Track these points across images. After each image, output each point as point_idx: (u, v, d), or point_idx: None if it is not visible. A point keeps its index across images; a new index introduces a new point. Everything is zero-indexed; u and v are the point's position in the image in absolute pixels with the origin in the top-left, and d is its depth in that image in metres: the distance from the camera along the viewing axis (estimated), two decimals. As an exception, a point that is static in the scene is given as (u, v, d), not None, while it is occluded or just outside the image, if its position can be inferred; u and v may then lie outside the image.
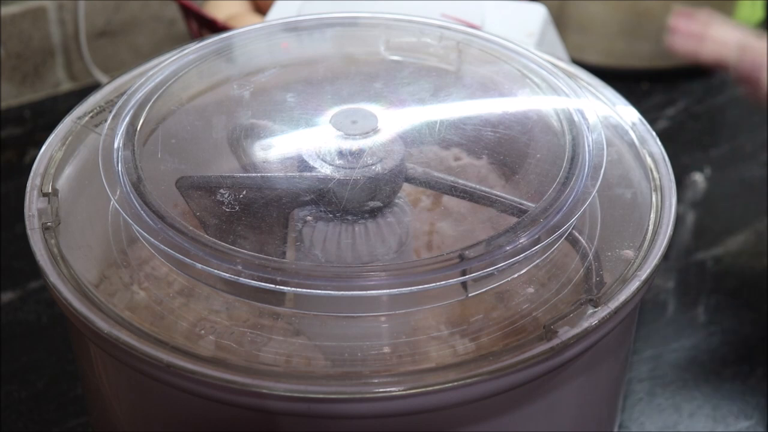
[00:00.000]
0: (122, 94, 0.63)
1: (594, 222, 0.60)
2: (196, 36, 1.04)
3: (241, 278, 0.53)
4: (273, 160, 0.60)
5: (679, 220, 0.96)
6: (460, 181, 0.59)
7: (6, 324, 0.86)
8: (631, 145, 0.64)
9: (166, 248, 0.54)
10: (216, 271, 0.53)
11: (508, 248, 0.54)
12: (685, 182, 1.02)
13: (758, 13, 1.16)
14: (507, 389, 0.53)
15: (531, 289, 0.56)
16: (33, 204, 0.59)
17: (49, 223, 0.58)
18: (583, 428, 0.61)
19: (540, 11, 0.90)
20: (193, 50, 0.66)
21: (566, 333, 0.53)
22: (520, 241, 0.54)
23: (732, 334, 0.87)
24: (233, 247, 0.54)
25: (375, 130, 0.59)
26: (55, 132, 0.63)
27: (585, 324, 0.53)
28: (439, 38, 0.68)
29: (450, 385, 0.51)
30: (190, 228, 0.55)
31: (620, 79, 0.91)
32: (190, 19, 1.04)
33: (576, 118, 0.61)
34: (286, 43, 0.69)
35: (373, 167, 0.57)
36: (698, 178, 1.02)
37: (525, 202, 0.58)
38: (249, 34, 0.68)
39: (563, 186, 0.57)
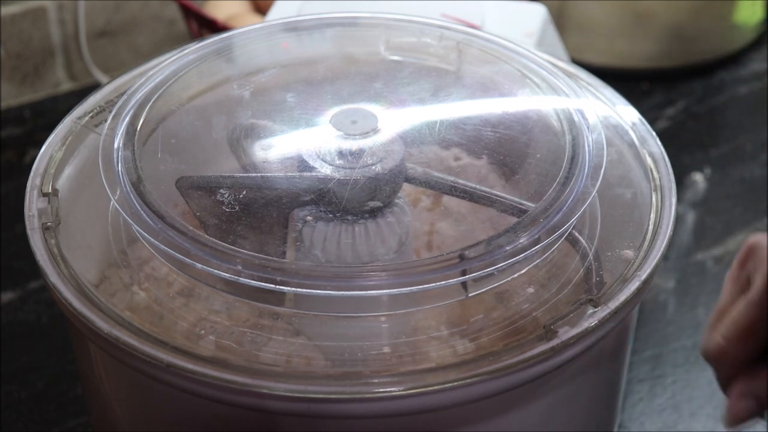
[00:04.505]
0: (122, 94, 0.63)
1: (594, 222, 0.60)
2: (196, 36, 1.04)
3: (241, 278, 0.53)
4: (273, 160, 0.60)
5: (679, 220, 0.96)
6: (460, 181, 0.59)
7: (6, 324, 0.86)
8: (631, 145, 0.64)
9: (166, 248, 0.54)
10: (216, 271, 0.53)
11: (508, 248, 0.54)
12: (685, 182, 1.01)
13: (758, 13, 1.16)
14: (507, 389, 0.53)
15: (531, 289, 0.56)
16: (33, 204, 0.59)
17: (49, 223, 0.58)
18: (583, 428, 0.61)
19: (540, 11, 0.90)
20: (193, 50, 0.66)
21: (566, 333, 0.53)
22: (520, 241, 0.54)
23: (732, 334, 0.87)
24: (233, 247, 0.54)
25: (375, 130, 0.59)
26: (55, 132, 0.63)
27: (585, 324, 0.53)
28: (439, 38, 0.68)
29: (450, 385, 0.51)
30: (190, 228, 0.55)
31: (620, 79, 0.91)
32: (190, 19, 1.04)
33: (576, 118, 0.61)
34: (286, 43, 0.69)
35: (373, 167, 0.57)
36: (698, 178, 1.02)
37: (525, 202, 0.58)
38: (249, 34, 0.68)
39: (563, 186, 0.57)
